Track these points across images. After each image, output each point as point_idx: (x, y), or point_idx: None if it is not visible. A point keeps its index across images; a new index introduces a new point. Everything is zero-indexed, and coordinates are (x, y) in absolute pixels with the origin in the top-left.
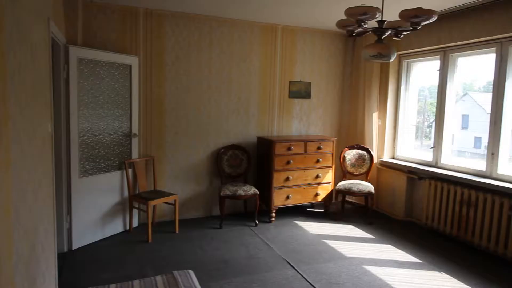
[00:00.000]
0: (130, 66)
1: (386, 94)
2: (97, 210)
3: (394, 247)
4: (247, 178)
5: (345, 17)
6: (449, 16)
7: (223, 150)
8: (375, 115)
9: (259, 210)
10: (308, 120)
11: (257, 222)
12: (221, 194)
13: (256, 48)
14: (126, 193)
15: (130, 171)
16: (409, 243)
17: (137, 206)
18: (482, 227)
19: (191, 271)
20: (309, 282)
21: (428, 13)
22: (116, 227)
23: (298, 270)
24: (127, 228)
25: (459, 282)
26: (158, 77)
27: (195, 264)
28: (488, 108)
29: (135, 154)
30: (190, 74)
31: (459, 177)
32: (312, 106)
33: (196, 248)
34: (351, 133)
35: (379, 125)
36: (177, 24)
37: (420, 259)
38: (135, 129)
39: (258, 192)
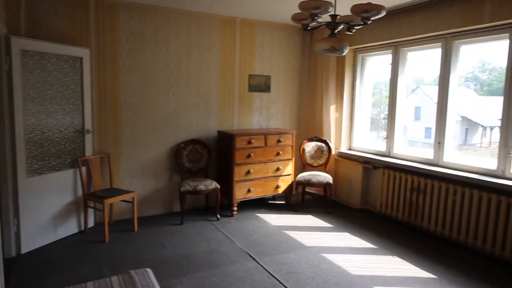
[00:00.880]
0: (81, 58)
1: (342, 87)
2: (48, 211)
3: (351, 235)
4: (208, 173)
5: (299, 11)
6: (399, 12)
7: (183, 145)
8: (332, 108)
9: (221, 204)
10: (268, 113)
11: (218, 216)
12: (182, 189)
13: (215, 41)
14: (80, 192)
15: (83, 169)
16: (365, 230)
17: (92, 205)
18: (430, 212)
19: (149, 269)
20: (269, 273)
21: (378, 8)
22: (70, 228)
23: (259, 262)
24: (82, 228)
25: (409, 264)
26: (112, 70)
27: (154, 262)
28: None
29: (89, 151)
30: (147, 67)
31: (410, 166)
32: (272, 99)
33: (156, 246)
34: (310, 125)
35: (337, 118)
36: (131, 15)
37: (374, 245)
38: (88, 125)
39: (219, 186)
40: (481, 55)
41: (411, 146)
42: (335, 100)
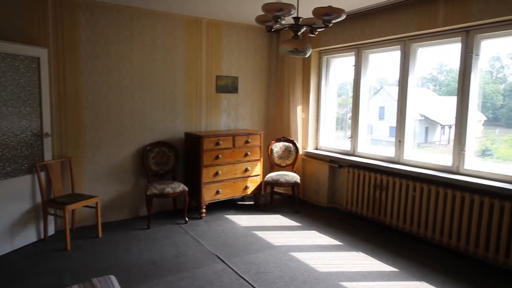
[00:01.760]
0: (38, 58)
1: (308, 88)
2: (4, 220)
3: (318, 233)
4: (176, 175)
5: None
6: (361, 16)
7: (149, 147)
8: (299, 109)
9: (189, 207)
10: (236, 114)
11: (187, 219)
12: (148, 193)
13: (181, 42)
14: (39, 199)
15: (42, 174)
16: (332, 228)
17: (52, 212)
18: (393, 207)
19: (112, 277)
20: (238, 274)
21: (338, 11)
22: (29, 236)
23: (228, 264)
24: (42, 236)
25: (373, 259)
26: (73, 71)
27: (120, 269)
28: None
29: (48, 156)
30: (110, 68)
31: (373, 164)
32: (240, 100)
33: (121, 252)
34: (278, 126)
35: (303, 118)
36: (93, 13)
37: (340, 242)
38: (47, 128)
39: (187, 188)
40: (439, 57)
41: (377, 145)
42: (302, 100)
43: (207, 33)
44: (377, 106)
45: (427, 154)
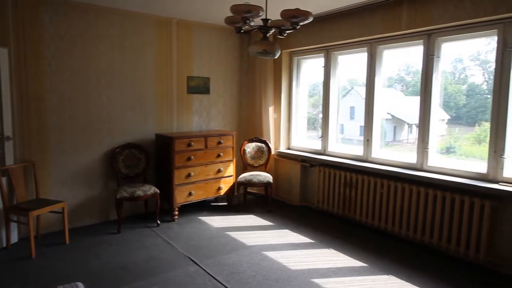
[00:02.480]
0: None
1: (280, 89)
2: None
3: (291, 231)
4: (147, 178)
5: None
6: (330, 18)
7: (118, 149)
8: (271, 109)
9: (161, 210)
10: (209, 115)
11: (159, 222)
12: (118, 196)
13: (151, 42)
14: (0, 205)
15: (4, 179)
16: (304, 226)
17: (15, 219)
18: (362, 205)
19: (79, 283)
20: (211, 275)
21: (305, 14)
22: None
23: (201, 265)
24: (4, 245)
25: (344, 255)
26: (35, 72)
27: (88, 275)
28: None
29: (9, 160)
30: (76, 68)
31: (343, 163)
32: (212, 101)
33: (90, 258)
34: (250, 126)
35: (275, 118)
36: (56, 11)
37: (312, 239)
38: (8, 131)
39: (158, 191)
40: (405, 59)
41: (348, 144)
42: (274, 101)
43: (178, 34)
44: (348, 106)
45: (396, 152)
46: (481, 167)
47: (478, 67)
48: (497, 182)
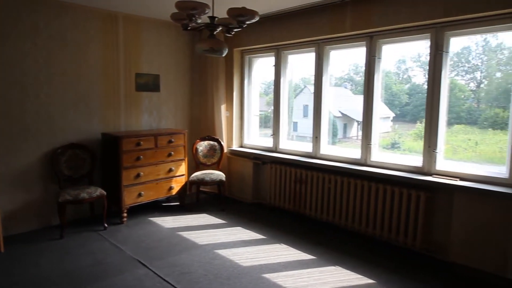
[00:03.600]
0: None
1: (232, 87)
2: None
3: (243, 228)
4: (93, 179)
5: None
6: (280, 17)
7: (60, 150)
8: (223, 107)
9: (109, 212)
10: (159, 113)
11: (106, 225)
12: (60, 200)
13: (95, 37)
14: None
15: None
16: (256, 223)
17: None
18: (311, 200)
19: None
20: (161, 277)
21: (252, 13)
22: None
23: (150, 268)
24: None
25: (294, 249)
26: None
27: (26, 285)
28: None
29: None
30: (9, 63)
31: (293, 159)
32: (162, 99)
33: (28, 266)
34: (203, 125)
35: (227, 117)
36: None
37: (264, 235)
38: None
39: (105, 193)
40: (354, 59)
41: (302, 141)
42: (226, 99)
43: (124, 29)
44: (301, 105)
45: (346, 148)
46: (419, 161)
47: (419, 68)
48: (431, 174)
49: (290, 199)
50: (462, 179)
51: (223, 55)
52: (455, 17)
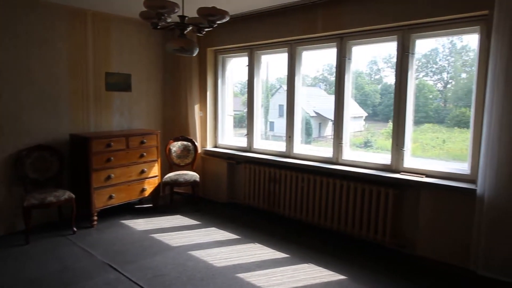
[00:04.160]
0: None
1: (205, 87)
2: None
3: (217, 229)
4: (60, 182)
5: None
6: (253, 17)
7: (25, 152)
8: (197, 107)
9: (79, 215)
10: (131, 113)
11: (75, 229)
12: (25, 204)
13: (62, 34)
14: None
15: None
16: (231, 223)
17: None
18: (285, 199)
19: None
20: (132, 281)
21: (222, 12)
22: None
23: (122, 272)
24: None
25: (268, 248)
26: None
27: None
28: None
29: None
30: None
31: (267, 159)
32: (134, 99)
33: None
34: (176, 125)
35: (201, 117)
36: None
37: (238, 235)
38: None
39: (74, 196)
40: (328, 60)
41: (278, 141)
42: (199, 99)
43: (93, 27)
44: (277, 104)
45: (320, 147)
46: (387, 159)
47: (391, 69)
48: (398, 172)
49: (264, 198)
50: (428, 176)
51: (194, 55)
52: (420, 19)
